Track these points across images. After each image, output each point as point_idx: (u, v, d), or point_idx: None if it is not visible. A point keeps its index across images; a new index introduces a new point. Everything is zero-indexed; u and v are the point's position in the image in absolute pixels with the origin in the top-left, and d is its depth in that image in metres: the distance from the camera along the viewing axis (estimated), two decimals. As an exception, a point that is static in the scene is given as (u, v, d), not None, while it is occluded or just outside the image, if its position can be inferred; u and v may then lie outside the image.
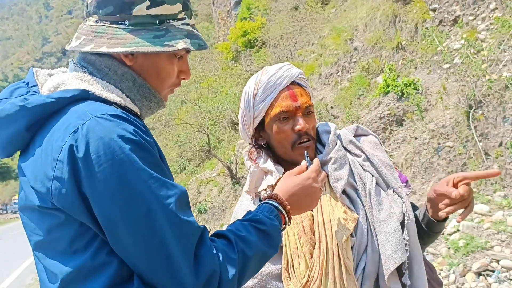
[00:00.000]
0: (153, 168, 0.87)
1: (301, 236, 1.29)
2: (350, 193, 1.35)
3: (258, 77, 1.39)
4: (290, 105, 1.34)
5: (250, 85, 1.40)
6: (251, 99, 1.38)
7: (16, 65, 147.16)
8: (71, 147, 0.84)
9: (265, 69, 1.41)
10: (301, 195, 1.14)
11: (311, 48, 11.30)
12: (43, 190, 0.87)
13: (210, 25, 26.30)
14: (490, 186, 4.88)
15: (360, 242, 1.28)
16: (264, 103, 1.36)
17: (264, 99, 1.36)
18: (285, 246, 1.30)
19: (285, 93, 1.35)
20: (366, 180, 1.35)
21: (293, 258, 1.28)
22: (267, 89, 1.36)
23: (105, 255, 0.87)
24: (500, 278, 3.69)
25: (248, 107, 1.39)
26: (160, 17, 1.00)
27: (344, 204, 1.32)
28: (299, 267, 1.26)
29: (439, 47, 6.61)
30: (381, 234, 1.28)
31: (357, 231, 1.29)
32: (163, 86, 1.07)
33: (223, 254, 0.91)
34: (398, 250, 1.25)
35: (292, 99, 1.35)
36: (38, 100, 0.91)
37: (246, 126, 1.43)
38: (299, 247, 1.28)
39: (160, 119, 15.32)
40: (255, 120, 1.40)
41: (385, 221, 1.29)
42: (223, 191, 10.59)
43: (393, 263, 1.24)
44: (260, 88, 1.37)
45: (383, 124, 6.65)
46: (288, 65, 1.41)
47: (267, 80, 1.36)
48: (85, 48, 0.98)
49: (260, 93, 1.36)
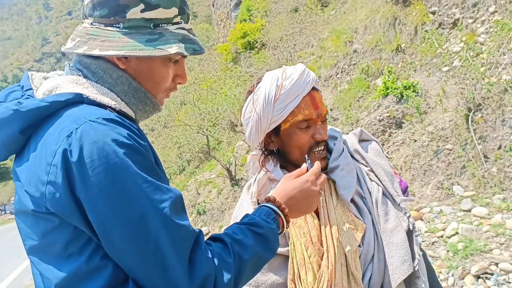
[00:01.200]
0: (148, 172, 0.86)
1: (308, 246, 1.26)
2: (357, 202, 1.32)
3: (279, 80, 1.30)
4: (313, 113, 1.29)
5: (270, 88, 1.30)
6: (271, 103, 1.29)
7: (15, 65, 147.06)
8: (65, 151, 0.84)
9: (286, 71, 1.33)
10: (299, 198, 1.12)
11: (310, 50, 11.30)
12: (37, 195, 0.87)
13: (210, 26, 26.33)
14: (489, 189, 4.88)
15: (367, 252, 1.26)
16: (285, 109, 1.28)
17: (286, 105, 1.28)
18: (291, 257, 1.27)
19: (307, 99, 1.29)
20: (373, 188, 1.34)
21: (300, 269, 1.25)
22: (291, 95, 1.28)
23: (100, 259, 0.86)
24: (499, 281, 3.69)
25: (267, 111, 1.30)
26: (155, 21, 0.99)
27: (352, 213, 1.30)
28: (306, 279, 1.23)
29: (438, 50, 6.61)
30: (388, 245, 1.26)
31: (364, 241, 1.27)
32: (158, 90, 1.06)
33: (219, 258, 0.90)
34: (405, 261, 1.24)
35: (314, 107, 1.30)
36: (32, 104, 0.91)
37: (259, 130, 1.34)
38: (307, 258, 1.25)
39: (159, 120, 15.32)
40: (271, 125, 1.32)
41: (392, 231, 1.27)
42: (222, 192, 10.57)
43: (401, 274, 1.23)
44: (282, 94, 1.28)
45: (383, 126, 6.65)
46: (307, 68, 1.35)
47: (291, 85, 1.28)
48: (78, 50, 0.98)
49: (282, 98, 1.28)
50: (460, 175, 5.27)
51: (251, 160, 1.45)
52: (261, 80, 1.37)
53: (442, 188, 5.29)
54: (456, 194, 5.08)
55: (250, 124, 1.36)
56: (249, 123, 1.36)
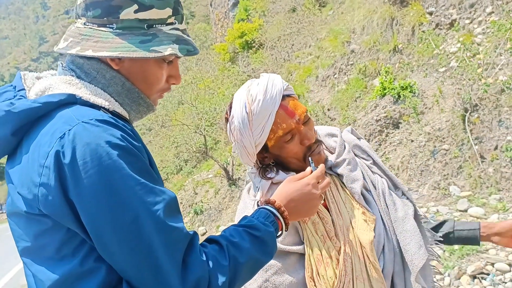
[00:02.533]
0: (141, 174, 0.86)
1: (325, 242, 1.26)
2: (365, 194, 1.35)
3: (247, 107, 1.27)
4: (290, 123, 1.27)
5: (242, 116, 1.28)
6: (249, 131, 1.28)
7: (12, 64, 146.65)
8: (57, 153, 0.83)
9: (251, 94, 1.29)
10: (299, 201, 1.11)
11: (308, 50, 11.30)
12: (29, 196, 0.86)
13: (207, 26, 26.30)
14: (485, 189, 4.89)
15: (378, 243, 1.28)
16: (264, 131, 1.27)
17: (263, 127, 1.26)
18: (308, 254, 1.26)
19: (280, 112, 1.27)
20: (377, 181, 1.37)
21: (318, 265, 1.24)
22: (262, 117, 1.26)
23: (93, 261, 0.86)
24: (495, 281, 3.70)
25: (247, 138, 1.29)
26: (149, 22, 0.98)
27: (362, 205, 1.32)
28: (326, 274, 1.23)
29: (435, 50, 6.63)
30: (402, 233, 1.29)
31: (375, 232, 1.29)
32: (152, 90, 1.05)
33: (213, 261, 0.89)
34: (421, 246, 1.28)
35: (290, 115, 1.27)
36: (24, 105, 0.90)
37: (249, 155, 1.33)
38: (324, 253, 1.25)
39: (157, 120, 15.29)
40: (257, 147, 1.31)
41: (403, 219, 1.31)
42: (219, 192, 10.56)
43: (420, 259, 1.26)
44: (254, 119, 1.26)
45: (380, 126, 6.66)
46: (270, 78, 1.31)
47: (259, 109, 1.25)
48: (71, 50, 0.97)
49: (256, 123, 1.26)
50: (457, 176, 5.28)
51: (249, 178, 1.44)
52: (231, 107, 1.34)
53: (438, 188, 5.30)
54: (453, 194, 5.09)
55: (239, 151, 1.35)
56: (236, 150, 1.36)
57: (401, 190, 1.38)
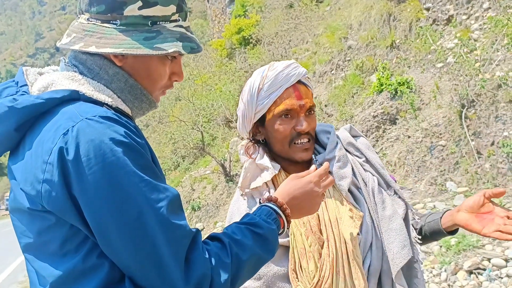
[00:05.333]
0: (145, 171, 0.86)
1: (308, 236, 1.28)
2: (354, 192, 1.36)
3: (265, 72, 1.37)
4: (295, 103, 1.34)
5: (256, 79, 1.38)
6: (255, 93, 1.36)
7: (9, 60, 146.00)
8: (61, 149, 0.83)
9: (272, 64, 1.39)
10: (301, 199, 1.11)
11: (305, 46, 11.29)
12: (33, 193, 0.86)
13: (204, 22, 26.21)
14: (482, 185, 4.91)
15: (365, 240, 1.30)
16: (268, 99, 1.35)
17: (269, 95, 1.35)
18: (292, 247, 1.29)
19: (290, 91, 1.35)
20: (368, 179, 1.38)
21: (301, 258, 1.27)
22: (273, 85, 1.34)
23: (96, 257, 0.86)
24: (491, 277, 3.72)
25: (251, 100, 1.37)
26: (153, 18, 0.98)
27: (349, 202, 1.34)
28: (308, 267, 1.26)
29: (432, 46, 6.63)
30: (387, 231, 1.31)
31: (363, 229, 1.30)
32: (155, 87, 1.05)
33: (216, 258, 0.89)
34: (405, 246, 1.28)
35: (297, 98, 1.35)
36: (28, 101, 0.90)
37: (246, 120, 1.41)
38: (307, 247, 1.27)
39: (154, 116, 15.25)
40: (256, 115, 1.38)
41: (390, 218, 1.32)
42: (217, 188, 10.57)
43: (402, 259, 1.27)
44: (266, 84, 1.35)
45: (377, 122, 6.67)
46: (295, 63, 1.40)
47: (274, 76, 1.35)
48: (74, 46, 0.96)
49: (266, 88, 1.35)
50: (453, 171, 5.30)
51: (240, 149, 1.50)
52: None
53: (435, 184, 5.32)
54: (449, 190, 5.11)
55: (239, 113, 1.44)
56: (238, 113, 1.44)
57: (393, 189, 1.39)
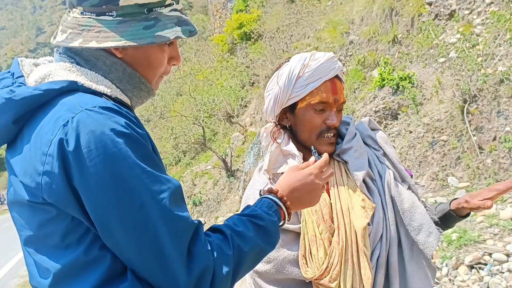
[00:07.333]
0: (146, 161, 0.85)
1: (319, 223, 1.31)
2: (368, 183, 1.38)
3: (306, 60, 1.38)
4: (331, 97, 1.36)
5: (296, 65, 1.38)
6: (294, 80, 1.37)
7: (10, 55, 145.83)
8: (61, 141, 0.82)
9: (314, 54, 1.40)
10: (302, 190, 1.10)
11: (307, 41, 11.25)
12: (33, 185, 0.85)
13: (205, 17, 26.14)
14: (483, 180, 4.91)
15: (376, 231, 1.32)
16: (306, 88, 1.36)
17: (307, 84, 1.36)
18: (303, 233, 1.32)
19: (328, 84, 1.37)
20: (384, 172, 1.40)
21: (311, 245, 1.30)
22: (313, 76, 1.36)
23: (98, 249, 0.85)
24: (492, 271, 3.72)
25: (288, 86, 1.37)
26: (148, 5, 0.95)
27: (362, 192, 1.35)
28: (317, 254, 1.28)
29: (434, 41, 6.60)
30: (410, 224, 1.33)
31: (374, 220, 1.32)
32: (155, 75, 1.03)
33: (218, 250, 0.89)
34: (431, 233, 1.32)
35: (333, 92, 1.37)
36: (26, 92, 0.88)
37: (277, 103, 1.41)
38: (318, 235, 1.30)
39: (155, 111, 15.25)
40: (289, 101, 1.40)
41: (411, 210, 1.35)
42: (218, 183, 10.58)
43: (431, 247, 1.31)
44: (306, 73, 1.36)
45: (378, 117, 6.66)
46: (335, 57, 1.41)
47: (316, 67, 1.35)
48: (73, 43, 0.93)
49: (306, 77, 1.36)
50: (455, 166, 5.30)
51: (264, 132, 1.50)
52: (289, 60, 1.43)
53: (437, 179, 5.31)
54: (451, 185, 5.10)
55: (270, 96, 1.44)
56: (269, 95, 1.44)
57: (408, 183, 1.42)
